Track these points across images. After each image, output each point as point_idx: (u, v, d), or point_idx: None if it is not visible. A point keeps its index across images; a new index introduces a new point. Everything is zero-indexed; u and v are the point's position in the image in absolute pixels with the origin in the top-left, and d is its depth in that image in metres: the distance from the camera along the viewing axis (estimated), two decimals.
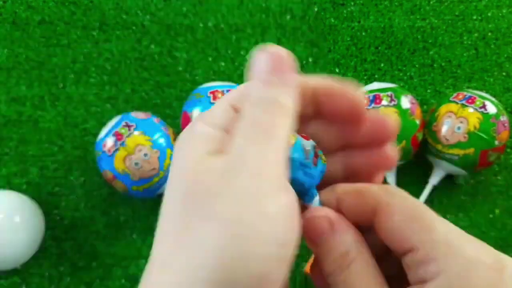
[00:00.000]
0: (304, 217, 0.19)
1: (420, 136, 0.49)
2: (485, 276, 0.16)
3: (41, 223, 0.50)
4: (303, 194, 0.20)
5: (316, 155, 0.20)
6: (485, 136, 0.47)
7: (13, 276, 0.49)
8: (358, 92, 0.20)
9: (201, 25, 0.61)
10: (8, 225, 0.46)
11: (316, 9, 0.62)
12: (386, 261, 0.19)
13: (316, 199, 0.20)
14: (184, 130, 0.19)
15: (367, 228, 0.20)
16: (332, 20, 0.61)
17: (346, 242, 0.19)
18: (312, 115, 0.21)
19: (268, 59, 0.18)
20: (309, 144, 0.20)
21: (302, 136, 0.20)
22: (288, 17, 0.61)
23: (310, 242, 0.20)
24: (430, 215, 0.18)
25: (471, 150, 0.47)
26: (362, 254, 0.19)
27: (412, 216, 0.18)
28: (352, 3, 0.62)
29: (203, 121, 0.19)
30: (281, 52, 0.18)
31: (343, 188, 0.20)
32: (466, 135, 0.47)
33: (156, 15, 0.61)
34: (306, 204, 0.20)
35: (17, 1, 0.61)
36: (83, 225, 0.51)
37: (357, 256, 0.18)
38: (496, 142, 0.47)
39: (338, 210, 0.20)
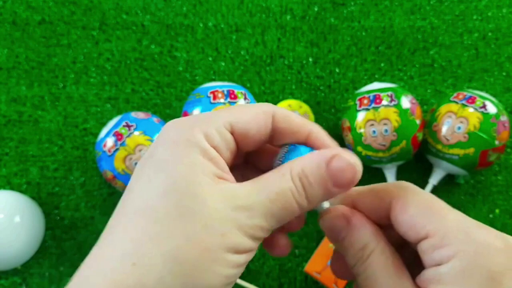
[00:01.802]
0: (323, 217, 0.22)
1: (420, 136, 0.49)
2: (497, 258, 0.17)
3: (41, 223, 0.50)
4: None
5: None
6: (485, 136, 0.47)
7: (13, 276, 0.49)
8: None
9: (201, 25, 0.61)
10: (8, 225, 0.46)
11: (316, 9, 0.62)
12: (402, 251, 0.21)
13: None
14: (181, 126, 0.20)
15: (383, 225, 0.21)
16: (332, 20, 0.61)
17: (364, 236, 0.21)
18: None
19: (344, 171, 0.19)
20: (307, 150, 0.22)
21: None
22: (288, 17, 0.61)
23: (331, 240, 0.22)
24: (442, 205, 0.20)
25: (471, 150, 0.47)
26: (379, 246, 0.20)
27: (425, 207, 0.19)
28: (352, 3, 0.62)
29: (202, 133, 0.20)
30: (358, 171, 0.19)
31: (356, 189, 0.22)
32: (466, 135, 0.47)
33: (156, 15, 0.61)
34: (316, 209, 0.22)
35: (17, 1, 0.61)
36: (83, 225, 0.51)
37: (376, 248, 0.20)
38: (496, 142, 0.47)
39: (355, 210, 0.22)
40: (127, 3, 0.61)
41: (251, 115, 0.21)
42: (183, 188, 0.18)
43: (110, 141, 0.46)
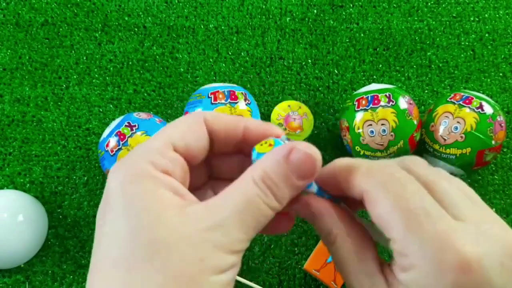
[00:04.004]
0: (294, 206, 0.22)
1: (417, 136, 0.50)
2: (447, 277, 0.17)
3: (45, 221, 0.50)
4: None
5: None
6: (482, 136, 0.47)
7: (16, 274, 0.50)
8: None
9: (202, 27, 0.61)
10: (12, 224, 0.46)
11: (315, 11, 0.63)
12: None
13: (313, 185, 0.22)
14: (130, 163, 0.19)
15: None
16: (331, 22, 0.62)
17: (327, 222, 0.21)
18: None
19: (304, 162, 0.19)
20: (284, 138, 0.22)
21: (274, 136, 0.22)
22: (288, 19, 0.62)
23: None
24: (413, 203, 0.19)
25: (468, 150, 0.48)
26: (343, 231, 0.21)
27: (391, 209, 0.19)
28: (351, 5, 0.63)
29: (153, 165, 0.19)
30: (317, 159, 0.19)
31: (339, 165, 0.22)
32: (463, 135, 0.47)
33: (158, 17, 0.62)
34: (306, 190, 0.22)
35: (20, 3, 0.61)
36: (86, 224, 0.52)
37: (339, 233, 0.21)
38: (493, 142, 0.48)
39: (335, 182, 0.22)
40: (129, 5, 0.62)
41: (185, 127, 0.21)
42: (148, 226, 0.17)
43: (113, 141, 0.46)
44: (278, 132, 0.22)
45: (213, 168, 0.24)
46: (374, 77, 0.59)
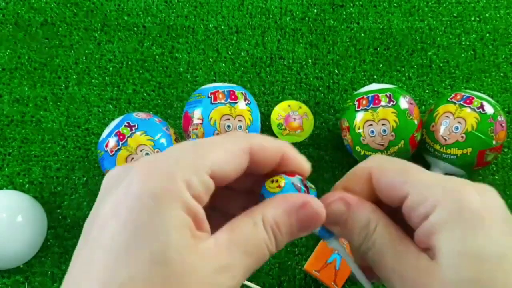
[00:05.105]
0: (324, 203, 0.22)
1: (418, 136, 0.49)
2: (473, 199, 0.19)
3: (44, 222, 0.50)
4: None
5: (305, 186, 0.22)
6: (482, 136, 0.47)
7: (16, 275, 0.49)
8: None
9: (201, 26, 0.61)
10: (11, 224, 0.46)
11: (315, 11, 0.63)
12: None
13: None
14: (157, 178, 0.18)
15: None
16: (332, 22, 0.62)
17: (365, 213, 0.22)
18: None
19: (312, 219, 0.20)
20: (296, 180, 0.22)
21: (288, 175, 0.22)
22: (288, 18, 0.62)
23: (332, 225, 0.22)
24: (416, 167, 0.22)
25: (468, 150, 0.47)
26: (382, 220, 0.21)
27: (400, 170, 0.21)
28: (351, 5, 0.63)
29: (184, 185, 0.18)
30: (323, 218, 0.20)
31: (339, 183, 0.24)
32: (464, 135, 0.47)
33: (158, 17, 0.61)
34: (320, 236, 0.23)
35: (20, 2, 0.61)
36: None
37: (379, 221, 0.21)
38: (494, 142, 0.47)
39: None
40: (129, 4, 0.62)
41: (231, 155, 0.20)
42: (165, 259, 0.17)
43: (112, 141, 0.46)
44: (305, 170, 0.23)
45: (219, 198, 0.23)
46: (375, 77, 0.59)
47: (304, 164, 0.22)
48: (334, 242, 0.23)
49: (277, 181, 0.21)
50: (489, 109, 0.48)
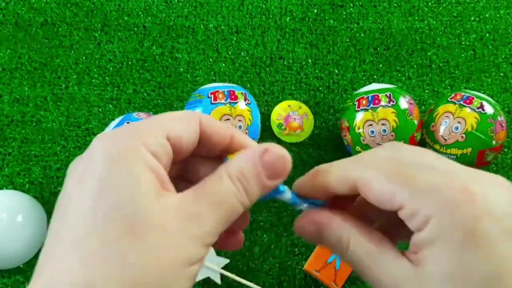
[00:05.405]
0: (296, 227, 0.22)
1: (418, 136, 0.50)
2: (467, 212, 0.18)
3: (44, 222, 0.50)
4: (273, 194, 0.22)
5: None
6: (482, 136, 0.47)
7: (16, 275, 0.49)
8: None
9: (202, 26, 0.61)
10: (11, 224, 0.46)
11: (315, 11, 0.63)
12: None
13: (286, 192, 0.23)
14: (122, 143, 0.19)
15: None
16: (332, 22, 0.62)
17: (335, 230, 0.21)
18: None
19: (277, 163, 0.20)
20: None
21: None
22: (288, 18, 0.62)
23: (315, 243, 0.22)
24: (408, 164, 0.19)
25: (468, 150, 0.47)
26: (353, 232, 0.21)
27: (390, 175, 0.19)
28: (351, 5, 0.63)
29: (145, 146, 0.19)
30: (288, 161, 0.20)
31: (321, 168, 0.22)
32: (463, 135, 0.47)
33: (158, 17, 0.61)
34: (277, 197, 0.22)
35: (20, 3, 0.61)
36: None
37: (350, 235, 0.21)
38: (494, 142, 0.47)
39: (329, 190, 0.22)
40: (129, 5, 0.62)
41: (180, 120, 0.21)
42: (129, 209, 0.17)
43: None
44: (267, 146, 0.23)
45: (188, 169, 0.24)
46: (375, 77, 0.59)
47: (253, 143, 0.23)
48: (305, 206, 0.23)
49: (238, 153, 0.22)
50: (489, 109, 0.48)
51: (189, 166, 0.24)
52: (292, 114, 0.55)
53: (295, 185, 0.23)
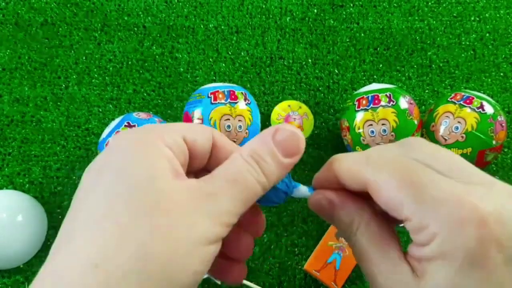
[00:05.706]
0: (310, 200, 0.23)
1: (418, 136, 0.50)
2: (470, 234, 0.17)
3: (44, 222, 0.50)
4: (285, 191, 0.23)
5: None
6: (482, 136, 0.47)
7: (16, 275, 0.49)
8: None
9: (202, 26, 0.61)
10: (11, 224, 0.46)
11: (315, 11, 0.63)
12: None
13: (302, 186, 0.23)
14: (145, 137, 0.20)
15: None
16: (332, 22, 0.62)
17: (348, 213, 0.22)
18: None
19: (289, 140, 0.21)
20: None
21: None
22: (288, 18, 0.62)
23: (324, 218, 0.23)
24: (419, 172, 0.19)
25: (468, 150, 0.47)
26: (364, 221, 0.21)
27: (400, 184, 0.19)
28: (351, 5, 0.63)
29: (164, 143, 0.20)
30: (300, 137, 0.21)
31: (336, 161, 0.23)
32: (463, 135, 0.47)
33: (158, 17, 0.61)
34: (293, 193, 0.23)
35: (20, 2, 0.61)
36: None
37: (361, 223, 0.21)
38: (494, 142, 0.47)
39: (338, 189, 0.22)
40: (129, 5, 0.62)
41: (198, 128, 0.22)
42: (145, 189, 0.18)
43: None
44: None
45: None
46: (375, 77, 0.59)
47: (234, 146, 0.23)
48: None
49: None
50: (489, 109, 0.48)
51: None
52: (292, 114, 0.55)
53: (314, 178, 0.24)
